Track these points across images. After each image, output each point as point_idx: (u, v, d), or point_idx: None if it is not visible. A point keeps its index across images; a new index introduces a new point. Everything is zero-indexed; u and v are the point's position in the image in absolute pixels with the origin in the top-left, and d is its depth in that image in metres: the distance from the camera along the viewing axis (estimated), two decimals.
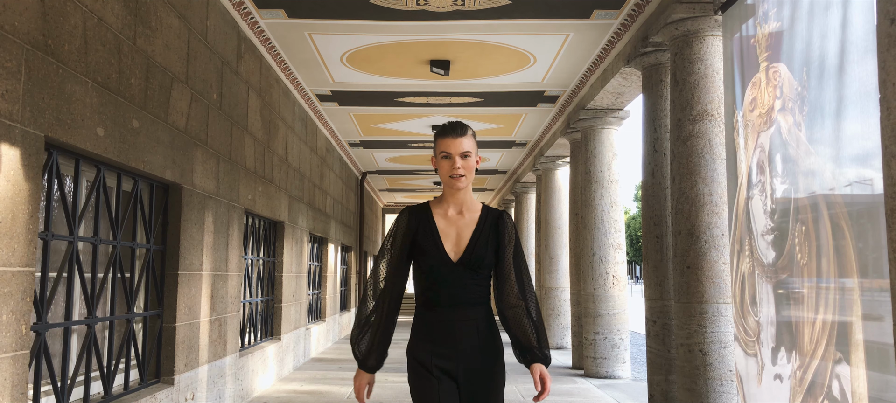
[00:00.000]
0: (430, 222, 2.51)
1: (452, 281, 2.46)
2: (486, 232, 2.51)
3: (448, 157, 2.47)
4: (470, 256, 2.46)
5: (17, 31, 3.01)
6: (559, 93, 9.01)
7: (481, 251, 2.47)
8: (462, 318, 2.47)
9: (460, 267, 2.45)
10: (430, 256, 2.46)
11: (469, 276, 2.46)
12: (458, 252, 2.47)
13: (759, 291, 4.49)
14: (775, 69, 4.34)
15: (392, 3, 5.86)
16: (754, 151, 4.58)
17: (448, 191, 2.54)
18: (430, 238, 2.49)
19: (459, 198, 2.54)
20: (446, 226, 2.51)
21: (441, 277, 2.46)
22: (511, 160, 14.90)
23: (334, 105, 9.60)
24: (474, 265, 2.46)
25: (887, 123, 2.71)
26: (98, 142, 3.70)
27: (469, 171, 2.49)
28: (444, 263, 2.46)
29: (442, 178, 2.53)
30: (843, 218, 3.59)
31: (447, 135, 2.48)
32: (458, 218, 2.53)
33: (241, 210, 6.31)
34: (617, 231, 8.34)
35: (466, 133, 2.50)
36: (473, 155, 2.50)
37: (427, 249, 2.47)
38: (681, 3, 5.09)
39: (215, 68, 5.57)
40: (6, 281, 2.96)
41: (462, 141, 2.47)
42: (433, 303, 2.48)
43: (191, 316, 5.11)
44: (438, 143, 2.50)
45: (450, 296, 2.47)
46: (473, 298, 2.49)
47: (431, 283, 2.48)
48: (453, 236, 2.50)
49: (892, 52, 2.70)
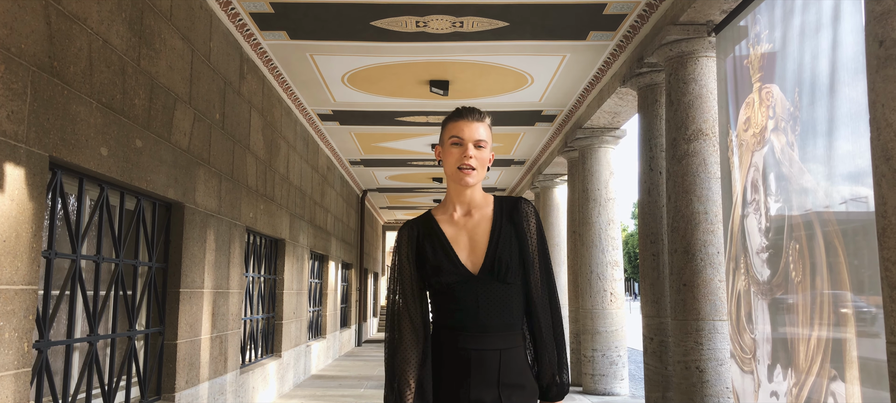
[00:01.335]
0: (436, 231, 2.05)
1: (477, 300, 1.96)
2: (506, 228, 2.03)
3: (459, 144, 2.02)
4: (492, 262, 1.97)
5: (23, 54, 3.07)
6: (556, 113, 9.10)
7: (505, 253, 1.98)
8: (494, 346, 1.95)
9: (484, 278, 1.96)
10: (445, 272, 1.98)
11: (498, 290, 1.96)
12: (477, 260, 1.99)
13: (754, 308, 4.53)
14: (768, 89, 4.42)
15: (392, 26, 5.96)
16: (749, 170, 4.64)
17: (453, 189, 2.08)
18: (441, 250, 2.02)
19: (467, 197, 2.07)
20: (455, 232, 2.04)
21: (461, 296, 1.96)
22: (510, 178, 14.98)
23: (335, 124, 9.69)
24: (501, 273, 1.96)
25: (877, 143, 2.76)
26: (102, 161, 3.77)
27: (481, 165, 2.04)
28: (462, 278, 1.97)
29: (447, 172, 2.07)
30: (836, 235, 3.64)
31: (461, 117, 2.05)
32: (466, 220, 2.06)
33: (242, 228, 6.37)
34: (614, 248, 8.39)
35: (484, 119, 2.06)
36: (488, 147, 2.07)
37: (438, 264, 1.99)
38: (675, 25, 5.18)
39: (218, 88, 5.66)
40: (9, 299, 2.99)
41: (478, 126, 2.03)
42: (454, 332, 1.97)
43: (192, 333, 5.15)
44: (449, 128, 2.06)
45: (476, 320, 1.95)
46: (507, 319, 1.97)
47: (450, 306, 1.99)
48: (465, 242, 2.03)
49: (880, 74, 2.75)
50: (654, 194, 6.05)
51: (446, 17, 5.79)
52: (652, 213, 6.07)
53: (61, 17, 3.35)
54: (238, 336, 6.36)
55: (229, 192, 5.98)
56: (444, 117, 2.15)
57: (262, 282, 7.77)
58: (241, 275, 6.41)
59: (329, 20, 5.83)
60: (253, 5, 5.54)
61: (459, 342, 1.96)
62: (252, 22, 5.87)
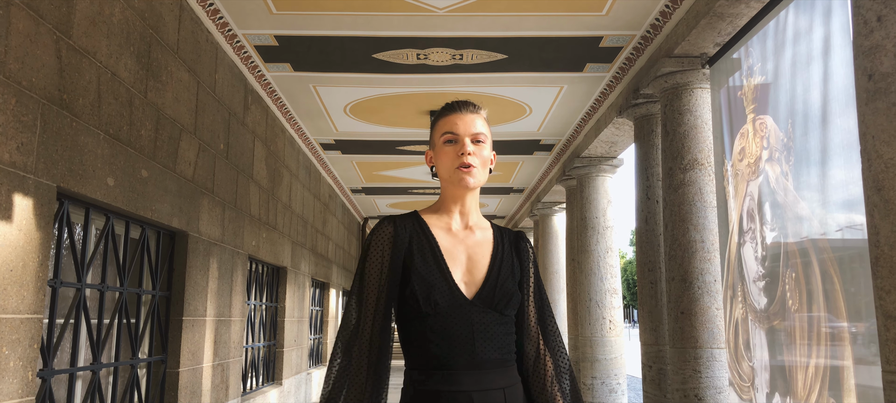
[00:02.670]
0: (429, 237, 1.72)
1: (472, 330, 1.64)
2: (507, 255, 1.76)
3: (454, 141, 1.72)
4: (494, 288, 1.68)
5: (34, 87, 3.14)
6: (555, 142, 9.20)
7: (507, 281, 1.71)
8: (497, 385, 1.64)
9: (478, 306, 1.66)
10: (436, 290, 1.64)
11: (493, 320, 1.67)
12: (474, 284, 1.69)
13: (752, 336, 4.56)
14: (762, 120, 4.50)
15: (394, 58, 6.08)
16: (744, 199, 4.71)
17: (450, 193, 1.76)
18: (432, 259, 1.68)
19: (468, 206, 1.77)
20: (452, 245, 1.72)
21: (453, 325, 1.64)
22: (509, 206, 15.06)
23: (337, 153, 9.80)
24: (501, 302, 1.68)
25: (868, 174, 2.81)
26: (108, 191, 3.84)
27: (483, 164, 1.74)
28: (455, 300, 1.65)
29: (443, 176, 1.75)
30: (831, 263, 3.69)
31: (453, 111, 1.76)
32: (467, 235, 1.75)
33: (244, 256, 6.42)
34: (613, 276, 8.43)
35: (479, 111, 1.78)
36: (488, 145, 1.76)
37: (428, 278, 1.65)
38: (670, 58, 5.29)
39: (223, 119, 5.76)
40: (14, 328, 3.02)
41: (474, 119, 1.74)
42: (440, 366, 1.62)
43: (194, 361, 5.18)
44: (440, 125, 1.77)
45: (468, 353, 1.63)
46: (502, 355, 1.67)
47: (434, 337, 1.63)
48: (463, 260, 1.71)
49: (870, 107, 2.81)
50: (652, 222, 6.11)
51: (446, 50, 5.91)
52: (649, 241, 6.12)
53: (71, 51, 3.45)
54: (239, 363, 6.38)
55: (232, 221, 6.04)
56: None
57: (264, 310, 7.79)
58: (243, 303, 6.45)
59: (332, 53, 5.95)
60: (258, 38, 5.66)
61: (452, 383, 1.60)
62: (257, 54, 5.99)
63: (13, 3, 2.98)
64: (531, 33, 5.56)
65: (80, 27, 3.53)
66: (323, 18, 5.29)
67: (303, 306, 9.34)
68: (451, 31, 5.50)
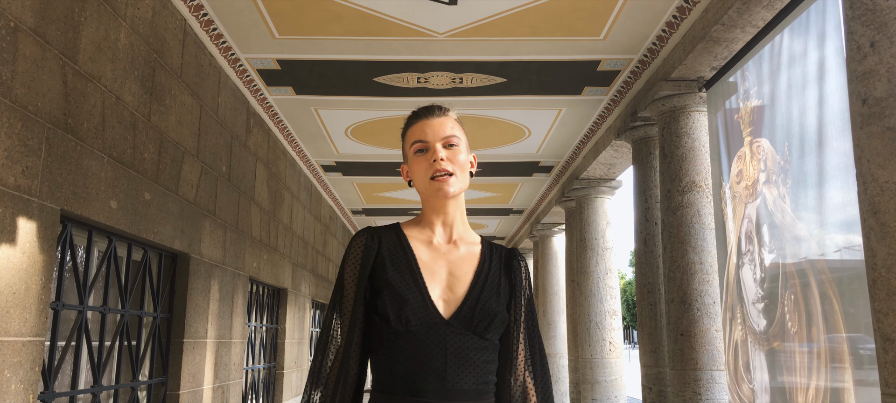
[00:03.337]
0: (406, 250, 1.58)
1: (445, 353, 1.47)
2: (494, 272, 1.59)
3: (425, 150, 1.59)
4: (474, 309, 1.51)
5: (40, 112, 3.17)
6: (554, 164, 9.26)
7: (491, 301, 1.53)
8: None
9: (455, 327, 1.49)
10: (409, 306, 1.49)
11: (471, 344, 1.49)
12: (454, 301, 1.52)
13: (752, 358, 4.57)
14: (759, 143, 4.55)
15: (394, 81, 6.15)
16: (742, 222, 4.74)
17: (430, 205, 1.62)
18: (408, 273, 1.54)
19: (450, 217, 1.62)
20: (432, 259, 1.57)
21: (425, 347, 1.47)
22: (508, 227, 15.09)
23: (338, 175, 9.86)
24: (480, 325, 1.50)
25: (864, 197, 2.84)
26: (111, 214, 3.87)
27: (460, 169, 1.59)
28: (429, 318, 1.49)
29: (419, 187, 1.61)
30: (830, 284, 3.71)
31: (419, 117, 1.63)
32: (449, 249, 1.60)
33: (245, 278, 6.44)
34: (612, 298, 8.43)
35: (447, 113, 1.65)
36: (463, 147, 1.62)
37: (402, 292, 1.50)
38: (667, 81, 5.35)
39: (225, 142, 5.81)
40: (16, 351, 3.02)
41: (443, 122, 1.61)
42: (406, 392, 1.46)
43: (194, 383, 5.18)
44: (408, 135, 1.63)
45: (439, 380, 1.46)
46: (478, 386, 1.50)
47: (403, 360, 1.48)
48: (443, 276, 1.55)
49: (865, 131, 2.85)
50: (651, 244, 6.14)
51: (446, 74, 5.98)
52: (648, 263, 6.14)
53: (77, 76, 3.50)
54: (240, 386, 6.37)
55: (234, 243, 6.07)
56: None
57: (264, 332, 7.79)
58: (244, 325, 6.45)
59: (333, 77, 6.02)
60: (260, 62, 5.73)
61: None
62: (259, 78, 6.06)
63: (21, 30, 3.04)
64: (530, 57, 5.63)
65: (86, 52, 3.58)
66: (324, 43, 5.36)
67: (303, 327, 9.33)
68: (451, 55, 5.57)
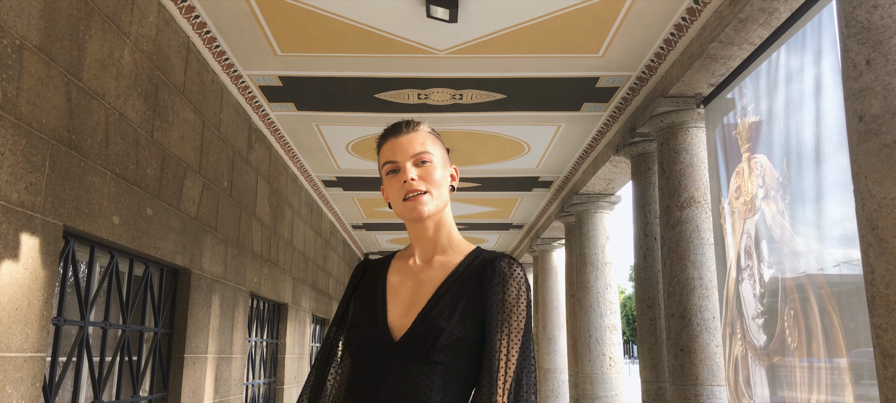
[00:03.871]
0: (380, 275, 1.54)
1: (378, 381, 1.37)
2: (459, 286, 1.44)
3: (396, 170, 1.50)
4: (419, 328, 1.39)
5: (44, 128, 3.20)
6: (553, 179, 9.29)
7: (441, 318, 1.38)
8: None
9: (403, 350, 1.38)
10: (359, 331, 1.45)
11: (415, 370, 1.35)
12: (407, 323, 1.42)
13: (752, 374, 4.57)
14: (757, 159, 4.58)
15: (395, 98, 6.19)
16: (741, 237, 4.76)
17: (411, 229, 1.54)
18: (372, 299, 1.49)
19: (430, 238, 1.52)
20: (400, 281, 1.50)
21: (374, 368, 1.40)
22: (508, 242, 15.10)
23: (339, 190, 9.89)
24: (424, 344, 1.36)
25: (862, 213, 2.86)
26: (113, 229, 3.89)
27: (435, 186, 1.49)
28: (375, 343, 1.41)
29: (396, 210, 1.52)
30: (828, 299, 3.73)
31: (387, 137, 1.55)
32: (421, 269, 1.50)
33: (246, 293, 6.45)
34: (612, 313, 8.44)
35: (418, 127, 1.55)
36: (437, 161, 1.52)
37: (357, 318, 1.48)
38: (665, 97, 5.39)
39: (227, 158, 5.84)
40: (18, 366, 3.02)
41: (412, 138, 1.52)
42: None
43: (195, 398, 5.17)
44: (380, 155, 1.55)
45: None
46: None
47: (357, 380, 1.42)
48: (405, 297, 1.46)
49: (862, 147, 2.88)
50: (650, 259, 6.15)
51: (447, 90, 6.03)
52: (648, 278, 6.16)
53: (81, 93, 3.53)
54: (240, 401, 6.36)
55: (235, 258, 6.08)
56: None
57: (264, 347, 7.78)
58: (245, 340, 6.45)
59: (334, 93, 6.07)
60: (262, 79, 5.78)
61: None
62: (261, 94, 6.10)
63: (26, 47, 3.07)
64: (529, 74, 5.68)
65: (91, 70, 3.62)
66: (326, 60, 5.41)
67: (303, 343, 9.32)
68: (451, 72, 5.62)
